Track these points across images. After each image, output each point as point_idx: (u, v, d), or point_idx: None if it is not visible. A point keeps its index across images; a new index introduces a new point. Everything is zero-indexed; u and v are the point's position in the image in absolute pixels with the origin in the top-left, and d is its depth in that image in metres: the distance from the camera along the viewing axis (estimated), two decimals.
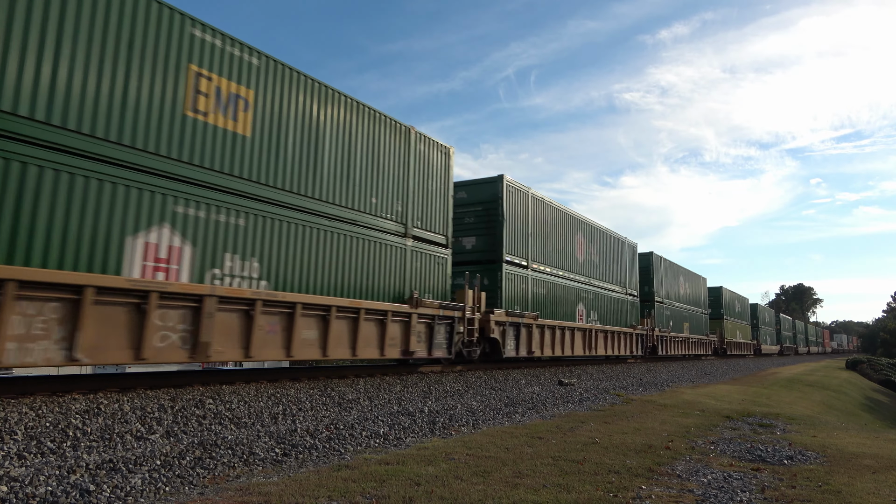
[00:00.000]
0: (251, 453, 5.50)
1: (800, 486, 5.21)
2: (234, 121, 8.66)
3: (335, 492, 4.40)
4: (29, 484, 4.13)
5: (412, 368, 12.68)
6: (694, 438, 7.72)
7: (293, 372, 10.36)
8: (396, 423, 7.40)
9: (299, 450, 5.83)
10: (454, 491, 4.54)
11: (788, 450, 7.12)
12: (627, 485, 4.97)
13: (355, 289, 10.52)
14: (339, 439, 6.38)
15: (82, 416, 5.80)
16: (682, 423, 9.14)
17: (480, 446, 6.42)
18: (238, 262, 8.52)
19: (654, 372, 20.37)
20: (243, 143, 8.75)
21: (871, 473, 5.92)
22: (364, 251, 10.79)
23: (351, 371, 11.32)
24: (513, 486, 4.77)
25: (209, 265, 8.15)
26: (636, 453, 6.42)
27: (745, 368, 30.45)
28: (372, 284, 10.92)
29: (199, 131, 8.15)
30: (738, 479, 5.40)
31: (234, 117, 8.64)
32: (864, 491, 5.12)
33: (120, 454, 4.97)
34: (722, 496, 4.77)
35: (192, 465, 5.01)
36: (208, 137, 8.26)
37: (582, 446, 6.69)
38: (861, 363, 55.77)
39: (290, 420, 6.97)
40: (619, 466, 5.68)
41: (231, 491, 4.40)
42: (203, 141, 8.18)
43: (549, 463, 5.71)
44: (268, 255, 8.92)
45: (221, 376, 9.17)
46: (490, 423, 8.19)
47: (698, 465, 5.96)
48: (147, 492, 4.32)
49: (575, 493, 4.65)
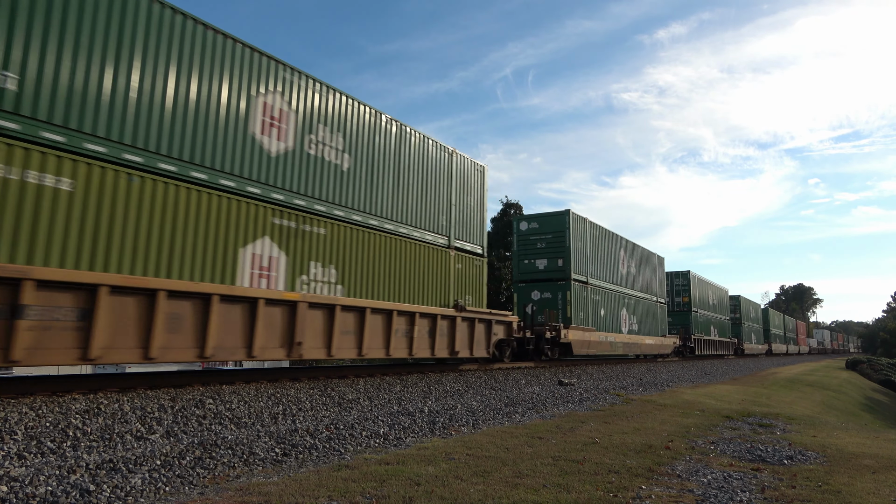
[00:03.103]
0: (251, 453, 5.50)
1: (800, 486, 5.21)
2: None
3: (335, 492, 4.40)
4: (29, 484, 4.13)
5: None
6: (694, 438, 7.72)
7: (293, 372, 10.36)
8: (396, 423, 7.40)
9: (299, 450, 5.83)
10: (454, 491, 4.54)
11: (788, 450, 7.12)
12: (627, 485, 4.97)
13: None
14: (339, 439, 6.38)
15: (82, 416, 5.80)
16: (682, 423, 9.14)
17: (480, 446, 6.42)
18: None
19: (653, 372, 20.37)
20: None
21: (870, 473, 5.92)
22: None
23: (351, 371, 11.34)
24: (513, 486, 4.77)
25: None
26: (636, 453, 6.42)
27: (745, 368, 30.46)
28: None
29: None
30: (738, 479, 5.40)
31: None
32: (863, 491, 5.12)
33: (120, 454, 4.97)
34: (722, 496, 4.77)
35: (192, 464, 5.02)
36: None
37: (582, 446, 6.69)
38: (861, 363, 55.76)
39: (290, 420, 6.97)
40: (619, 466, 5.68)
41: (231, 491, 4.40)
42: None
43: (549, 463, 5.72)
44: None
45: (221, 376, 9.17)
46: (490, 423, 8.20)
47: (698, 465, 5.96)
48: (147, 492, 4.32)
49: (575, 493, 4.65)
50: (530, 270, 19.97)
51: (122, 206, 7.17)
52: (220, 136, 8.40)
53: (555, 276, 19.49)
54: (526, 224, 20.56)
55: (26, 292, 6.09)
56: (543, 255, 19.85)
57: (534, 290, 19.71)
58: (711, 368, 26.15)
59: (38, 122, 6.51)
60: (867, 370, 50.87)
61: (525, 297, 19.72)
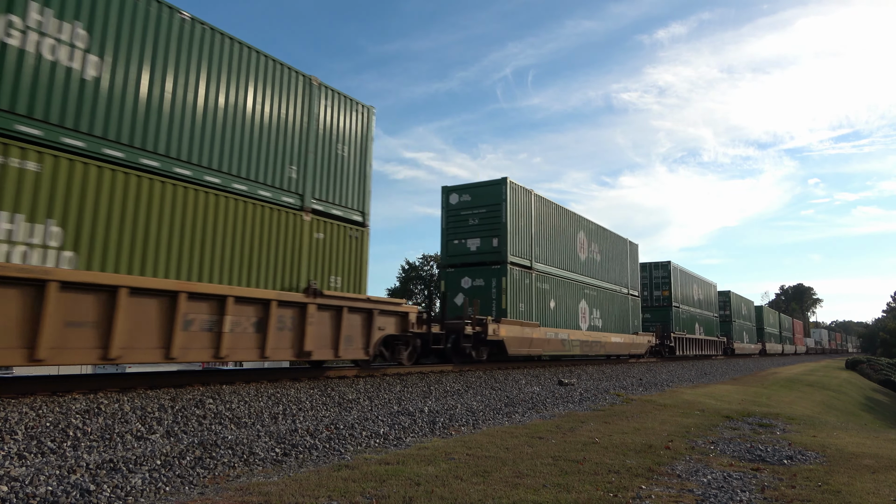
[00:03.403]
0: (251, 453, 5.51)
1: (799, 486, 5.21)
2: None
3: (335, 492, 4.40)
4: (29, 484, 4.13)
5: None
6: (694, 438, 7.73)
7: (293, 372, 10.36)
8: (396, 423, 7.41)
9: (299, 450, 5.83)
10: (454, 491, 4.54)
11: (788, 450, 7.12)
12: (627, 485, 4.97)
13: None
14: (339, 439, 6.38)
15: (82, 416, 5.81)
16: (682, 423, 9.15)
17: (480, 446, 6.43)
18: None
19: (653, 372, 20.38)
20: None
21: (870, 473, 5.93)
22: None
23: (351, 371, 11.30)
24: (513, 486, 4.77)
25: None
26: (636, 453, 6.43)
27: (744, 368, 30.48)
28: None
29: None
30: (738, 479, 5.40)
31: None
32: (863, 491, 5.13)
33: (120, 454, 4.97)
34: (722, 496, 4.77)
35: (193, 464, 5.02)
36: None
37: (582, 446, 6.70)
38: (861, 363, 55.78)
39: (290, 420, 6.97)
40: (619, 466, 5.69)
41: (231, 491, 4.41)
42: None
43: (549, 463, 5.72)
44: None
45: (221, 376, 9.17)
46: (490, 423, 8.20)
47: (698, 465, 5.96)
48: (147, 492, 4.32)
49: (575, 492, 4.65)
50: (460, 252, 16.25)
51: None
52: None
53: (488, 259, 15.81)
54: (457, 196, 16.60)
55: None
56: (476, 233, 16.17)
57: (464, 277, 16.10)
58: (711, 369, 26.15)
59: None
60: (867, 370, 50.86)
61: (454, 285, 16.18)
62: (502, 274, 15.44)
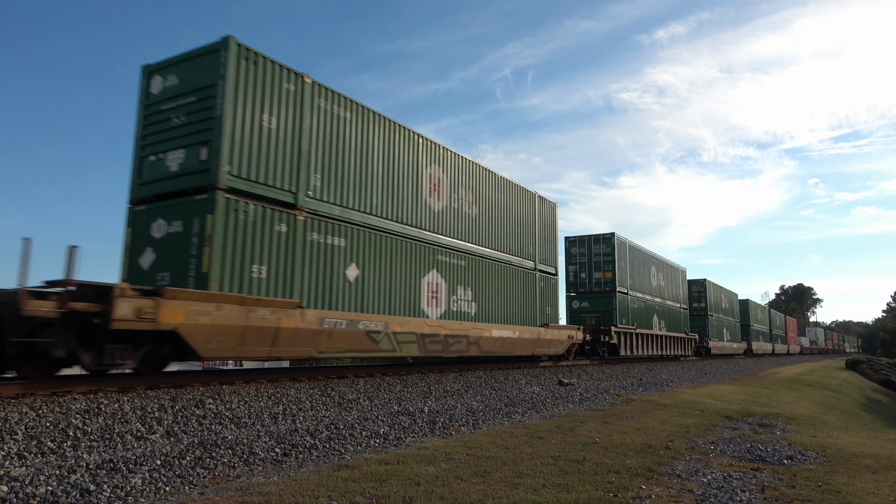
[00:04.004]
0: (251, 453, 5.51)
1: (799, 486, 5.21)
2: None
3: (335, 492, 4.40)
4: (29, 484, 4.13)
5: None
6: (694, 438, 7.73)
7: (293, 372, 10.36)
8: (396, 423, 7.41)
9: (299, 450, 5.83)
10: (454, 491, 4.54)
11: (788, 450, 7.12)
12: (627, 485, 4.97)
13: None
14: (339, 439, 6.38)
15: (82, 416, 5.81)
16: (682, 423, 9.15)
17: (480, 446, 6.43)
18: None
19: (653, 372, 20.37)
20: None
21: (870, 473, 5.93)
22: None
23: (350, 371, 11.34)
24: (513, 486, 4.77)
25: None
26: (636, 453, 6.43)
27: (744, 369, 30.48)
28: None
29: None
30: (738, 479, 5.40)
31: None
32: (863, 491, 5.13)
33: (120, 454, 4.97)
34: (722, 496, 4.77)
35: (193, 464, 5.02)
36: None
37: (582, 446, 6.70)
38: (861, 363, 55.75)
39: (290, 420, 6.97)
40: (619, 466, 5.69)
41: (231, 491, 4.41)
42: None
43: (549, 463, 5.72)
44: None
45: (221, 376, 9.17)
46: (490, 423, 8.20)
47: (698, 465, 5.96)
48: (147, 492, 4.32)
49: (575, 492, 4.65)
50: (159, 176, 9.21)
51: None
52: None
53: (191, 183, 8.77)
54: (161, 81, 9.57)
55: None
56: (180, 140, 9.11)
57: (157, 219, 9.05)
58: (712, 368, 26.15)
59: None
60: (867, 370, 50.84)
61: (143, 234, 9.14)
62: (207, 210, 8.41)
